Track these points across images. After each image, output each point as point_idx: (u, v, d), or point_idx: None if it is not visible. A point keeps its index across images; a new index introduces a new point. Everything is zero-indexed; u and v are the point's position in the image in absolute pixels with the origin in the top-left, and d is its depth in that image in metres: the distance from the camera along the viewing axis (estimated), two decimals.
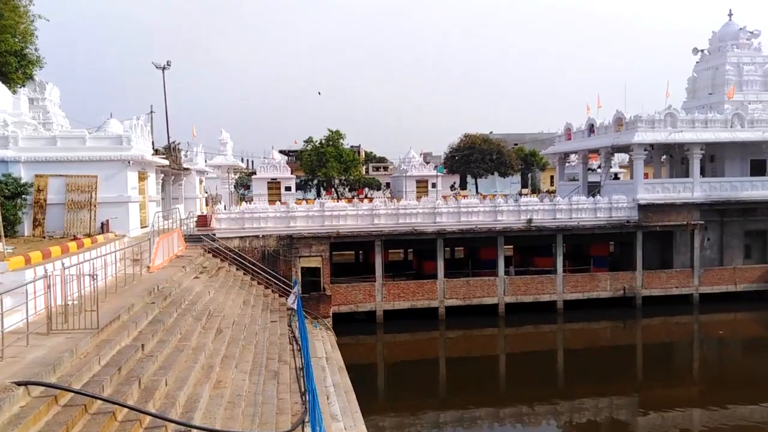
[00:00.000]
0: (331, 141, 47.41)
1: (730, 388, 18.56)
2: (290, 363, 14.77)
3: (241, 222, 24.78)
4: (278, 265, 24.35)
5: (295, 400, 12.29)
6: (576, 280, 27.44)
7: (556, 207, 27.59)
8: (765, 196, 28.98)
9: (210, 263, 21.38)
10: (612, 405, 17.55)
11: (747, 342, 24.99)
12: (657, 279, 28.02)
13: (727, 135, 28.69)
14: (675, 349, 24.45)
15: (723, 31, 32.34)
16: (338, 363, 17.72)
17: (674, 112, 28.93)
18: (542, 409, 17.12)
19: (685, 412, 16.59)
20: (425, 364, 22.07)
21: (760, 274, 28.87)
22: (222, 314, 15.07)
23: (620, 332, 26.06)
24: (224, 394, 10.22)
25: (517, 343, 24.86)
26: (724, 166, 30.78)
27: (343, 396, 14.61)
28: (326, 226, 25.46)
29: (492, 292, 26.51)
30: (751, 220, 29.89)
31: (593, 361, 22.14)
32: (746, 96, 30.74)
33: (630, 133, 28.86)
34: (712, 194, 28.72)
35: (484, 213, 27.03)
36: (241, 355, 13.06)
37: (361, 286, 25.76)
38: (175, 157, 27.29)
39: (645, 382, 19.94)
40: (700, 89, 33.04)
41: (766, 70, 31.41)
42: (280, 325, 18.14)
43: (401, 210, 26.50)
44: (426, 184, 47.35)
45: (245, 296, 19.55)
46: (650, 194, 28.31)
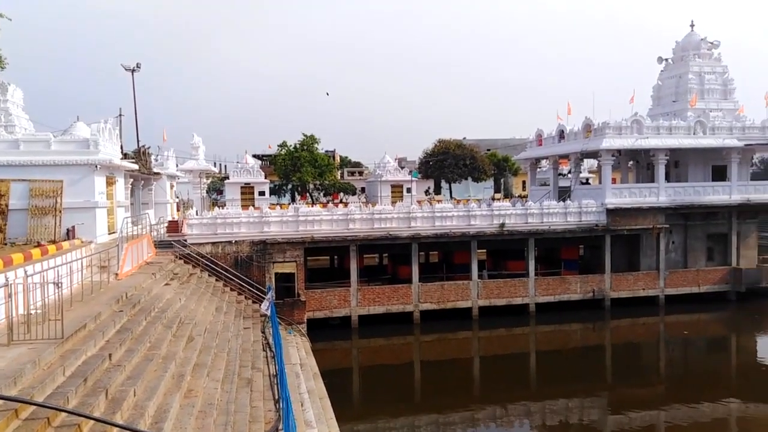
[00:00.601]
0: (306, 145, 47.20)
1: (693, 387, 19.08)
2: (264, 370, 14.65)
3: (213, 227, 24.50)
4: (251, 271, 24.14)
5: (269, 407, 12.20)
6: (547, 283, 27.89)
7: (527, 211, 28.02)
8: (725, 200, 29.97)
9: (181, 270, 21.08)
10: (582, 405, 17.88)
11: (709, 341, 25.75)
12: (625, 281, 28.67)
13: (690, 141, 29.57)
14: (642, 349, 25.03)
15: (685, 41, 33.35)
16: (313, 369, 17.64)
17: (640, 119, 29.71)
18: (515, 410, 17.34)
19: (651, 411, 17.00)
20: (400, 369, 22.13)
21: (722, 276, 29.80)
22: (193, 322, 14.87)
23: (590, 334, 26.56)
24: (195, 403, 10.10)
25: (490, 345, 25.13)
26: (688, 171, 31.69)
27: (318, 402, 14.55)
28: (300, 232, 25.36)
29: (466, 295, 26.75)
30: (713, 224, 30.88)
31: (564, 362, 22.52)
32: (707, 104, 31.76)
33: (598, 139, 29.52)
34: (677, 199, 29.55)
35: (458, 217, 27.29)
36: (213, 363, 12.91)
37: (335, 291, 25.72)
38: (144, 162, 26.85)
39: (614, 382, 20.40)
40: (665, 97, 33.99)
41: (726, 79, 32.48)
42: (253, 332, 17.98)
43: (376, 215, 26.56)
44: (401, 188, 47.50)
45: (218, 303, 19.33)
46: (618, 199, 28.99)
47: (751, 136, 30.32)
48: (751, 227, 31.99)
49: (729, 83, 32.43)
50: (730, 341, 25.74)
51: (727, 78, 32.47)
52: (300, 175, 45.10)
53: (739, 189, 30.25)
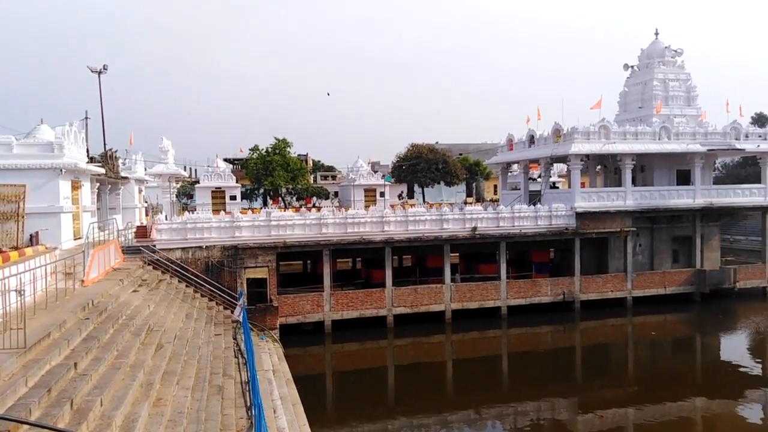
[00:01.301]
0: (278, 149, 46.84)
1: (661, 386, 19.52)
2: (235, 377, 14.45)
3: (183, 232, 24.11)
4: (223, 276, 23.82)
5: (241, 415, 12.03)
6: (519, 286, 28.22)
7: (499, 215, 28.34)
8: (689, 204, 30.83)
9: (150, 276, 20.66)
10: (553, 406, 18.12)
11: (676, 342, 26.40)
12: (594, 284, 29.21)
13: (655, 146, 30.35)
14: (611, 350, 25.52)
15: (650, 48, 34.26)
16: (285, 375, 17.47)
17: (608, 124, 30.38)
18: (488, 413, 17.47)
19: (620, 410, 17.34)
20: (374, 373, 22.09)
21: (686, 277, 30.62)
22: (163, 329, 14.58)
23: (560, 335, 26.96)
24: (165, 412, 9.89)
25: (463, 349, 25.29)
26: (654, 175, 32.52)
27: (291, 409, 14.42)
28: (273, 236, 25.14)
29: (439, 299, 26.88)
30: (678, 227, 31.75)
31: (536, 364, 22.80)
32: (672, 110, 32.66)
33: (567, 144, 30.06)
34: (643, 202, 30.27)
35: (431, 221, 27.43)
36: (183, 370, 12.67)
37: (309, 296, 25.56)
38: (112, 165, 26.30)
39: (584, 382, 20.75)
40: (631, 103, 34.84)
41: (689, 86, 33.47)
42: (224, 339, 17.73)
43: (349, 219, 26.51)
44: (374, 193, 47.46)
45: (188, 309, 18.99)
46: (587, 203, 29.55)
47: (713, 141, 31.28)
48: (714, 230, 33.00)
49: (692, 90, 33.40)
50: (695, 341, 26.44)
51: (690, 85, 33.46)
52: (272, 180, 44.75)
53: (702, 193, 31.15)
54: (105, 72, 32.35)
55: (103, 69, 32.21)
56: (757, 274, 32.10)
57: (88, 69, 31.83)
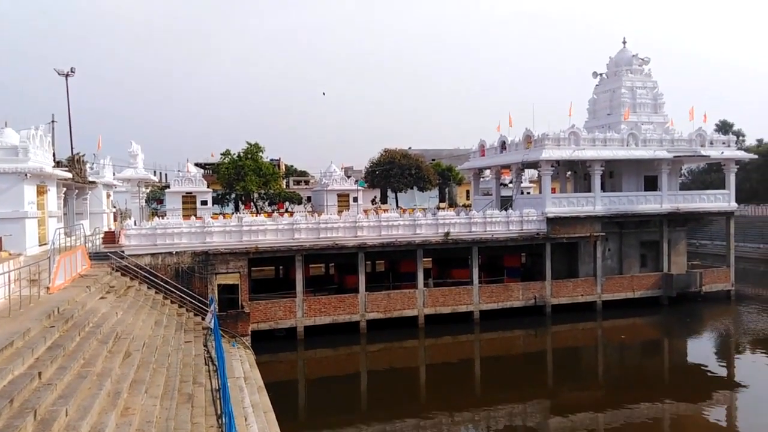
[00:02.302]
0: (250, 154, 46.39)
1: (630, 389, 19.88)
2: (206, 385, 14.22)
3: (152, 238, 23.67)
4: (193, 282, 23.45)
5: (211, 423, 11.84)
6: (491, 290, 28.47)
7: (471, 220, 28.57)
8: (657, 209, 31.58)
9: (118, 282, 20.23)
10: (525, 410, 18.29)
11: (644, 345, 26.93)
12: (564, 288, 29.66)
13: (623, 153, 31.02)
14: (582, 354, 25.91)
15: (618, 57, 35.06)
16: (257, 382, 17.26)
17: (577, 131, 30.94)
18: (461, 417, 17.53)
19: (591, 413, 17.61)
20: (347, 379, 21.99)
21: (654, 281, 31.33)
22: (131, 336, 14.28)
23: (532, 340, 27.27)
24: (132, 421, 9.67)
25: (436, 353, 25.36)
26: (622, 181, 33.20)
27: (262, 416, 14.24)
28: (244, 242, 24.87)
29: (412, 304, 26.94)
30: (646, 232, 32.47)
31: (508, 368, 23.01)
32: (639, 117, 33.43)
33: (538, 150, 30.52)
34: (612, 208, 30.88)
35: (404, 226, 27.50)
36: (152, 378, 12.42)
37: (281, 302, 25.34)
38: (79, 170, 25.71)
39: (555, 386, 21.00)
40: (600, 110, 35.56)
41: (656, 94, 34.34)
42: (195, 346, 17.44)
43: (322, 224, 26.40)
44: (347, 198, 47.41)
45: (157, 316, 18.64)
46: (557, 208, 30.01)
47: (680, 148, 32.12)
48: (680, 235, 33.86)
49: (659, 98, 34.27)
50: (663, 344, 27.02)
51: (657, 93, 34.32)
52: (244, 184, 44.31)
53: (669, 198, 31.93)
54: (72, 75, 31.65)
55: (70, 72, 31.51)
56: (722, 277, 33.03)
57: (55, 72, 31.09)
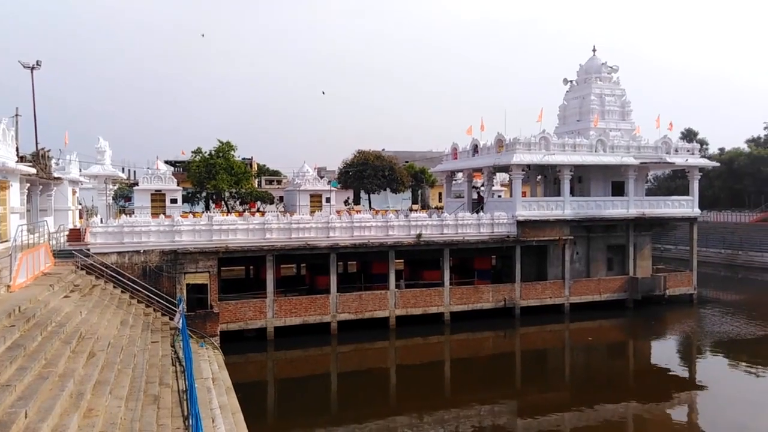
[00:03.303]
0: (222, 152, 45.88)
1: (596, 390, 20.29)
2: (173, 386, 13.96)
3: (119, 236, 23.18)
4: (161, 282, 23.05)
5: (177, 425, 11.64)
6: (461, 292, 28.71)
7: (443, 222, 28.77)
8: (624, 214, 32.30)
9: (83, 281, 19.73)
10: (493, 411, 18.48)
11: (610, 347, 27.49)
12: (533, 290, 30.09)
13: (592, 158, 31.65)
14: (549, 355, 26.32)
15: (588, 64, 35.78)
16: (225, 383, 17.04)
17: (548, 136, 31.45)
18: (430, 418, 17.61)
19: (558, 414, 17.89)
20: (317, 380, 21.88)
21: (620, 285, 32.04)
22: (95, 336, 13.95)
23: (501, 341, 27.59)
24: (96, 423, 9.45)
25: (407, 355, 25.45)
26: (590, 186, 33.88)
27: (230, 418, 14.06)
28: (214, 241, 24.55)
29: (383, 305, 26.98)
30: (613, 236, 33.20)
31: (477, 369, 23.22)
32: (608, 124, 34.17)
33: (509, 154, 30.91)
34: (580, 212, 31.46)
35: (377, 228, 27.53)
36: (117, 379, 12.15)
37: (251, 302, 25.09)
38: (44, 165, 24.97)
39: (523, 387, 21.29)
40: (570, 116, 36.22)
41: (624, 101, 35.14)
42: (162, 346, 17.11)
43: (294, 224, 26.23)
44: (320, 198, 47.24)
45: (123, 316, 18.25)
46: (527, 211, 30.44)
47: (646, 155, 32.94)
48: (646, 239, 34.71)
49: (626, 105, 35.08)
50: (628, 346, 27.62)
51: (625, 100, 35.13)
52: (215, 183, 43.77)
53: (635, 204, 32.70)
54: (38, 68, 30.75)
55: (36, 65, 30.61)
56: (685, 281, 33.98)
57: (20, 64, 30.17)
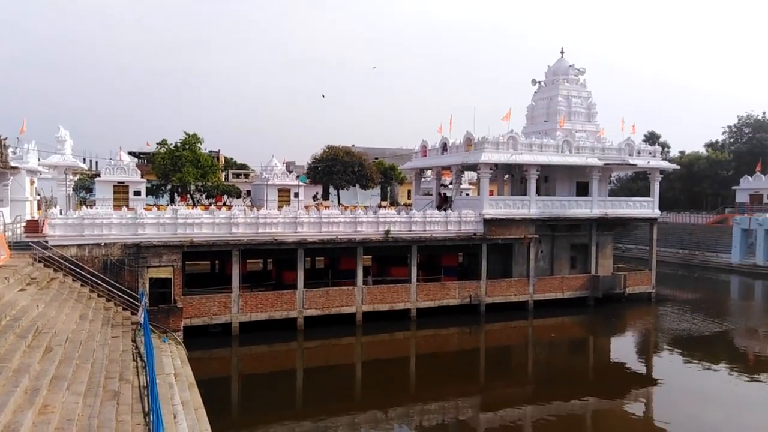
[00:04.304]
0: (188, 145, 45.08)
1: (557, 385, 20.72)
2: (133, 381, 13.68)
3: (80, 228, 22.55)
4: (123, 275, 22.52)
5: (138, 421, 11.41)
6: (428, 288, 28.91)
7: (411, 219, 28.89)
8: (587, 214, 33.02)
9: (40, 274, 19.14)
10: (458, 405, 18.70)
11: (572, 343, 28.11)
12: (498, 287, 30.52)
13: (558, 159, 32.23)
14: (513, 351, 26.77)
15: (556, 66, 36.37)
16: (188, 379, 16.78)
17: (516, 136, 31.88)
18: (395, 413, 17.70)
19: (520, 409, 18.22)
20: (282, 376, 21.75)
21: (582, 283, 32.78)
22: (53, 331, 13.55)
23: (466, 337, 27.91)
24: (51, 420, 9.19)
25: (373, 350, 25.51)
26: (556, 186, 34.49)
27: (192, 414, 13.86)
28: (179, 235, 24.11)
29: (350, 301, 26.95)
30: (576, 235, 33.91)
31: (442, 365, 23.43)
32: (574, 125, 34.84)
33: (478, 153, 31.24)
34: (546, 211, 32.02)
35: (345, 224, 27.46)
36: (75, 375, 11.84)
37: (215, 297, 24.74)
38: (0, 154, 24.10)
39: (487, 382, 21.62)
40: (537, 117, 36.78)
41: (590, 103, 35.88)
42: (122, 341, 16.74)
43: (261, 219, 25.96)
44: (288, 193, 46.86)
45: (82, 310, 17.77)
46: (494, 210, 30.83)
47: (610, 156, 33.70)
48: (608, 239, 35.56)
49: (592, 107, 35.82)
50: (589, 342, 28.29)
51: (591, 102, 35.87)
52: (181, 176, 42.98)
53: (598, 204, 33.45)
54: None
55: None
56: (644, 280, 34.98)
57: None
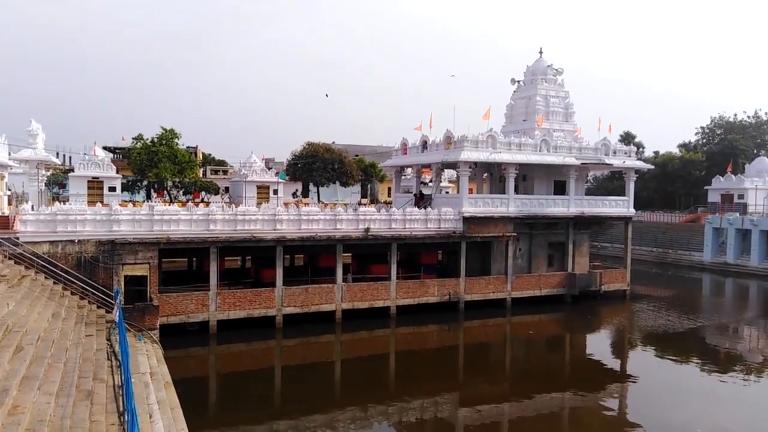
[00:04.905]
0: (165, 140, 44.39)
1: (534, 382, 20.94)
2: (108, 381, 13.45)
3: (52, 224, 22.06)
4: (97, 273, 22.10)
5: (112, 421, 11.21)
6: (408, 286, 28.97)
7: (391, 217, 28.90)
8: (564, 212, 33.43)
9: (11, 271, 18.68)
10: (437, 402, 18.76)
11: (549, 340, 28.44)
12: (477, 285, 30.72)
13: (536, 158, 32.54)
14: (491, 348, 26.97)
15: (535, 66, 36.66)
16: (165, 378, 16.54)
17: (495, 134, 32.08)
18: (375, 411, 17.70)
19: (498, 405, 18.38)
20: (261, 375, 21.58)
21: (559, 280, 33.18)
22: (24, 329, 13.24)
23: (445, 334, 28.05)
24: (22, 420, 8.97)
25: (352, 348, 25.46)
26: (534, 185, 34.83)
27: (168, 413, 13.66)
28: (155, 231, 23.74)
29: (330, 299, 26.86)
30: (554, 233, 34.30)
31: (421, 362, 23.52)
32: (552, 125, 35.18)
33: (457, 151, 31.36)
34: (524, 209, 32.31)
35: (325, 221, 27.34)
36: (47, 374, 11.58)
37: (193, 295, 24.44)
38: None
39: (465, 379, 21.72)
40: (516, 116, 37.05)
41: (567, 103, 36.26)
42: (97, 340, 16.44)
43: (240, 216, 25.70)
44: (267, 190, 46.50)
45: (55, 308, 17.39)
46: (473, 208, 31.01)
47: (586, 156, 34.13)
48: (584, 237, 36.04)
49: (570, 107, 36.21)
50: (565, 339, 28.64)
51: (569, 102, 36.25)
52: (157, 171, 42.33)
53: (575, 203, 33.88)
54: None
55: None
56: (620, 278, 35.55)
57: None
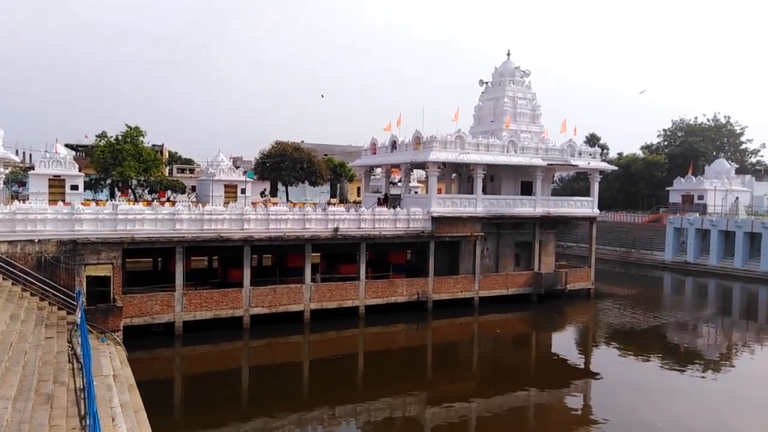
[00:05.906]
0: (129, 137, 43.45)
1: (501, 379, 21.28)
2: (69, 384, 13.12)
3: (11, 224, 21.37)
4: (59, 273, 21.52)
5: (73, 425, 10.95)
6: (377, 286, 29.04)
7: (360, 217, 28.93)
8: (531, 212, 34.01)
9: None
10: (405, 402, 18.88)
11: (515, 338, 28.91)
12: (445, 284, 31.01)
13: (504, 158, 33.01)
14: (459, 347, 27.26)
15: (503, 68, 37.17)
16: (128, 380, 16.21)
17: (463, 135, 32.43)
18: (343, 411, 17.71)
19: (466, 403, 18.58)
20: (227, 376, 21.33)
21: (526, 279, 33.75)
22: None
23: (414, 334, 28.22)
24: None
25: (321, 348, 25.40)
26: (501, 185, 35.32)
27: (132, 416, 13.40)
28: (119, 231, 23.24)
29: (298, 299, 26.74)
30: (521, 233, 34.86)
31: (390, 362, 23.63)
32: (519, 126, 35.73)
33: (426, 151, 31.59)
34: (492, 209, 32.75)
35: (293, 221, 27.19)
36: (4, 379, 11.25)
37: (157, 295, 24.00)
38: None
39: (433, 378, 21.91)
40: (484, 117, 37.52)
41: (534, 105, 36.88)
42: (57, 342, 16.02)
43: (206, 215, 25.35)
44: (235, 189, 46.00)
45: (13, 310, 16.87)
46: (442, 208, 31.28)
47: (553, 157, 34.78)
48: (550, 237, 36.71)
49: (537, 109, 36.83)
50: (531, 338, 29.14)
51: (536, 104, 36.87)
52: (121, 170, 41.40)
53: (542, 203, 34.49)
54: None
55: None
56: (584, 277, 36.36)
57: None
